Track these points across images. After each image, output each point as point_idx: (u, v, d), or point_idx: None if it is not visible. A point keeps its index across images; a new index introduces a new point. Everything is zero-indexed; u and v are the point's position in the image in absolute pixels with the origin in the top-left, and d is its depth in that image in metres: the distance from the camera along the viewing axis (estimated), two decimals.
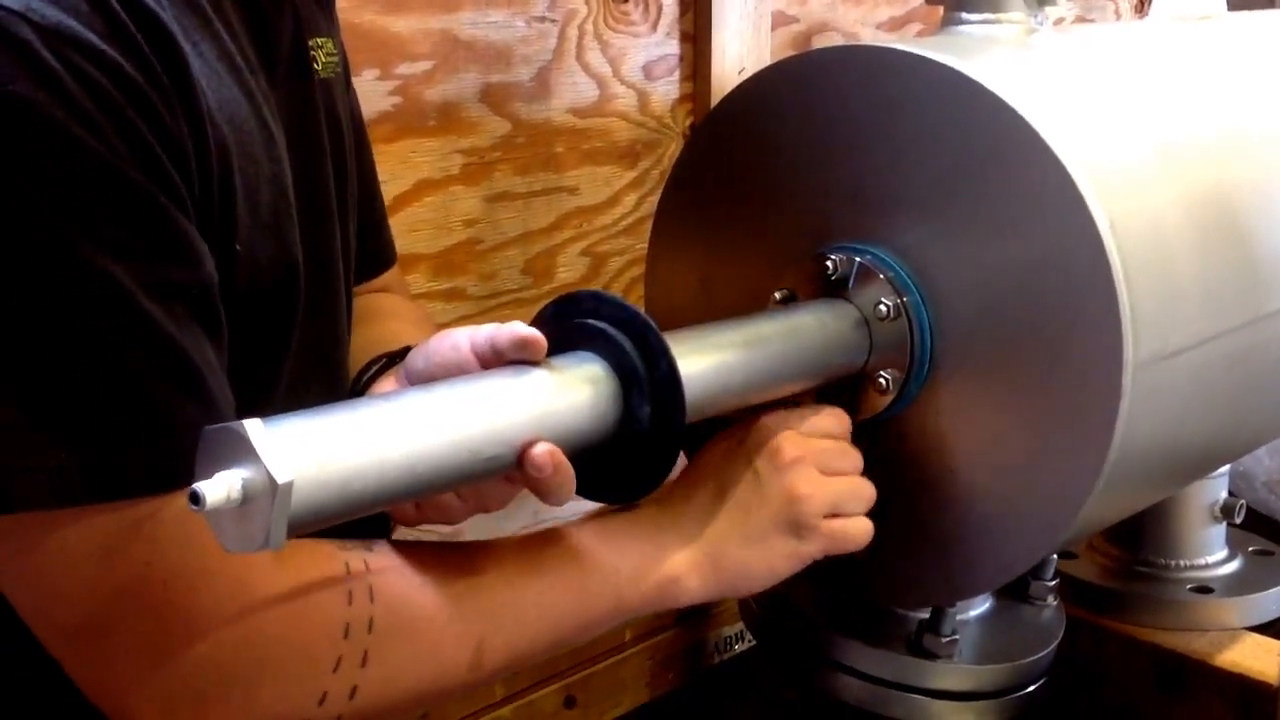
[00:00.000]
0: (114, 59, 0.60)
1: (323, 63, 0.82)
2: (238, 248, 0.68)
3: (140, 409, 0.62)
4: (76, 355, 0.60)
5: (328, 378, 0.82)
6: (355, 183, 0.87)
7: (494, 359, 0.71)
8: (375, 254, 0.97)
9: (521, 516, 1.31)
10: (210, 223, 0.66)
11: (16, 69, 0.57)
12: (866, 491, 0.84)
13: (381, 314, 0.94)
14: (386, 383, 0.82)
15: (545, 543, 0.78)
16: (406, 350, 0.82)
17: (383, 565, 0.71)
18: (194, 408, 0.63)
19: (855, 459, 0.84)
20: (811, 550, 0.82)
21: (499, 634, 0.73)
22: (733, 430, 0.84)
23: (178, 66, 0.63)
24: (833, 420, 0.85)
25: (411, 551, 0.73)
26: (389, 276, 1.00)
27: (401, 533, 0.82)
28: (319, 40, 0.82)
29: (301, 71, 0.79)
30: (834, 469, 0.83)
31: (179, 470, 0.61)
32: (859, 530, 0.83)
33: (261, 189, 0.70)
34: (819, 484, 0.82)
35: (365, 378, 0.84)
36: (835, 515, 0.83)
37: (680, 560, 0.80)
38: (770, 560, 0.82)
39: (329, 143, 0.81)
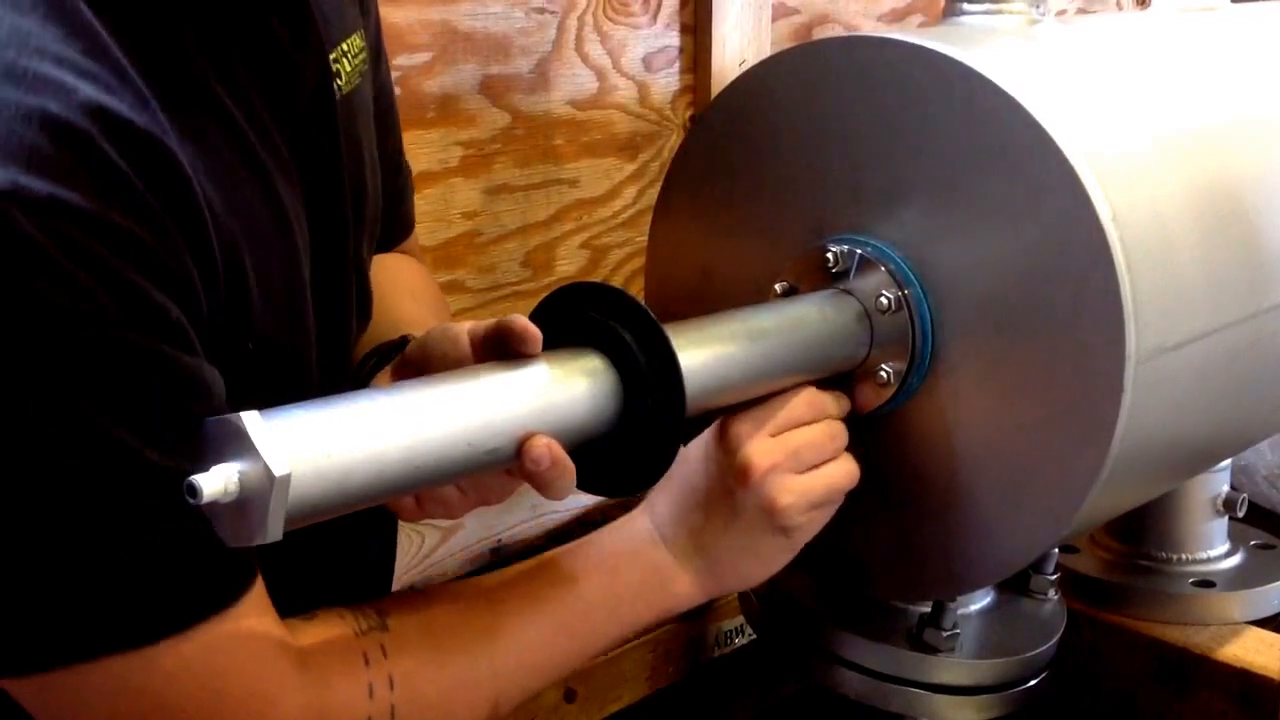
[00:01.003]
0: (107, 221, 0.58)
1: (346, 75, 0.80)
2: (249, 345, 0.68)
3: (150, 558, 0.62)
4: (82, 515, 0.60)
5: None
6: (376, 200, 0.87)
7: (492, 353, 0.70)
8: (396, 223, 0.97)
9: (520, 510, 1.31)
10: (223, 326, 0.65)
11: (6, 255, 0.56)
12: (843, 477, 0.83)
13: (391, 289, 0.93)
14: (384, 379, 0.82)
15: (550, 584, 0.80)
16: (404, 341, 0.82)
17: (399, 645, 0.73)
18: (204, 543, 0.62)
19: (833, 440, 0.83)
20: (802, 539, 0.84)
21: (513, 687, 0.77)
22: (711, 437, 0.84)
23: (176, 188, 0.62)
24: (805, 406, 0.83)
25: (425, 619, 0.75)
26: (407, 244, 1.01)
27: (403, 530, 0.82)
28: (344, 46, 0.81)
29: (323, 103, 0.77)
30: (810, 461, 0.82)
31: (195, 607, 0.63)
32: (833, 487, 0.83)
33: (274, 270, 0.70)
34: (796, 489, 0.82)
35: (363, 372, 0.84)
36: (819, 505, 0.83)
37: (680, 577, 0.83)
38: (764, 560, 0.84)
39: (348, 167, 0.80)
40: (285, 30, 0.73)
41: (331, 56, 0.78)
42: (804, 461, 0.82)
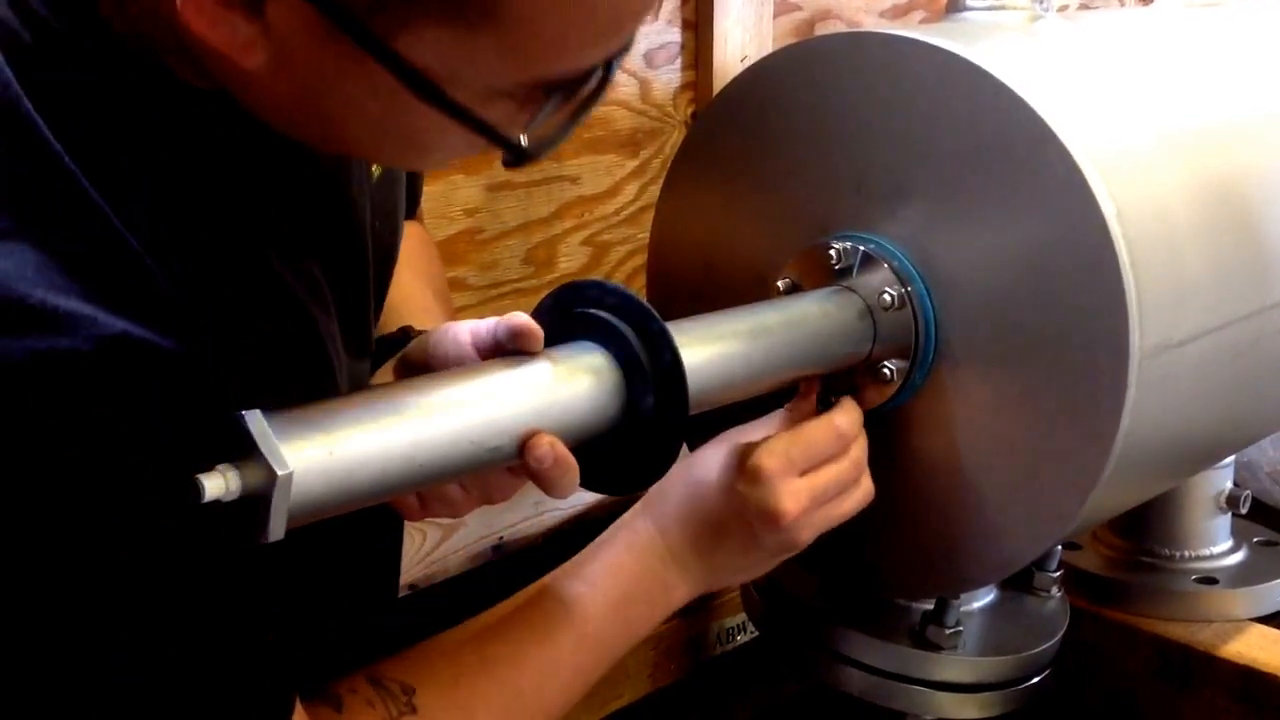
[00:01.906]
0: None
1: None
2: None
3: (200, 694, 0.60)
4: (135, 656, 0.58)
5: None
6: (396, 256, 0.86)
7: (494, 351, 0.70)
8: (409, 196, 0.95)
9: (522, 508, 1.31)
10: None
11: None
12: (862, 501, 0.84)
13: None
14: (385, 375, 0.82)
15: (565, 627, 0.80)
16: (403, 335, 0.81)
17: None
18: (249, 677, 0.61)
19: (855, 468, 0.84)
20: (802, 547, 0.84)
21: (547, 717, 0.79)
22: (731, 464, 0.83)
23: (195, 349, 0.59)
24: (832, 439, 0.83)
25: (452, 691, 0.75)
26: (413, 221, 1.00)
27: (405, 527, 0.82)
28: None
29: (356, 207, 0.75)
30: (833, 495, 0.83)
31: None
32: (849, 512, 0.84)
33: (297, 382, 0.68)
34: (817, 524, 0.82)
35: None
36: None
37: (683, 592, 0.84)
38: (762, 570, 0.86)
39: (382, 240, 0.78)
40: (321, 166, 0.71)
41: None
42: (828, 496, 0.82)
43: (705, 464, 0.84)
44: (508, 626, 0.80)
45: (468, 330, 0.72)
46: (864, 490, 0.84)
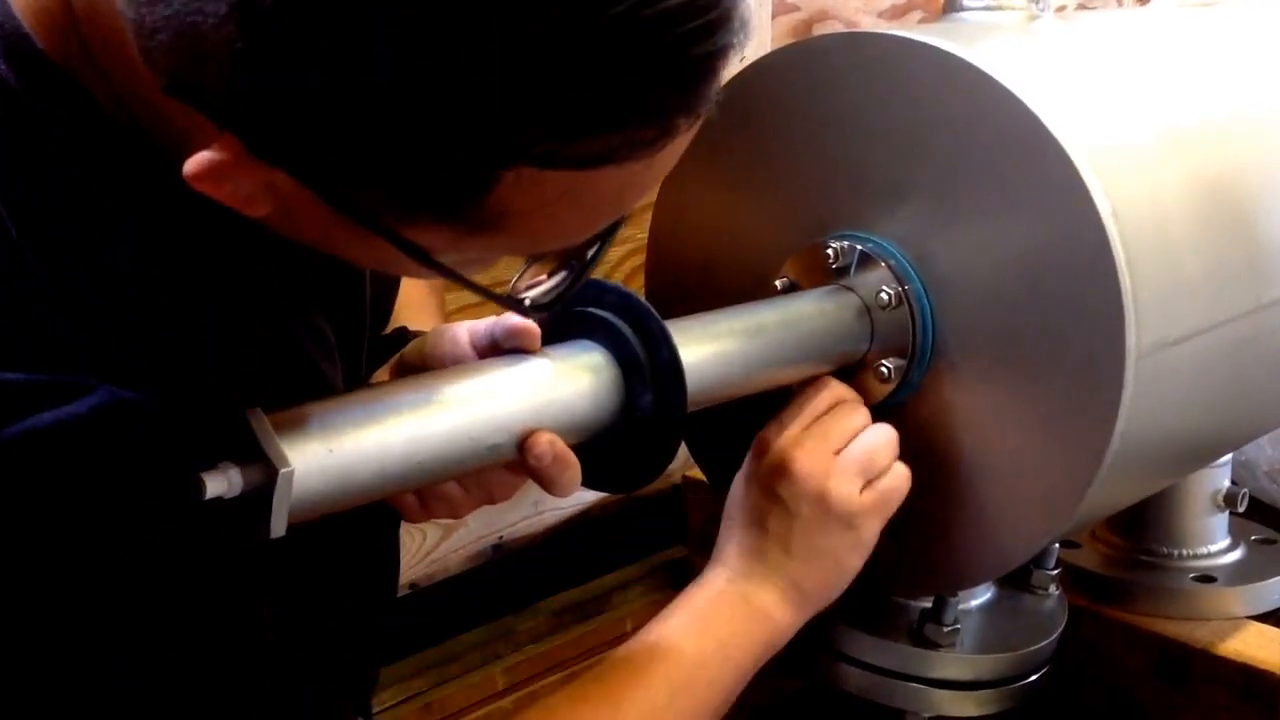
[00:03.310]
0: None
1: None
2: None
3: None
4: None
5: None
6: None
7: (492, 351, 0.70)
8: None
9: (522, 507, 1.31)
10: None
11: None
12: (883, 440, 0.83)
13: None
14: (381, 377, 0.82)
15: (653, 658, 0.78)
16: (399, 336, 0.81)
17: None
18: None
19: (860, 417, 0.83)
20: (870, 529, 0.82)
21: None
22: (746, 460, 0.84)
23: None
24: (824, 394, 0.83)
25: None
26: None
27: (405, 527, 0.82)
28: None
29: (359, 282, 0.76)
30: (844, 437, 0.82)
31: None
32: (899, 483, 0.83)
33: None
34: (838, 469, 0.81)
35: None
36: (870, 482, 0.82)
37: (767, 601, 0.82)
38: (839, 561, 0.82)
39: (380, 284, 0.79)
40: None
41: None
42: (838, 439, 0.82)
43: (732, 491, 0.85)
44: (601, 674, 0.78)
45: (465, 331, 0.73)
46: (884, 433, 0.83)
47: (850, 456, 0.81)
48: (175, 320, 0.60)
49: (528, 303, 0.62)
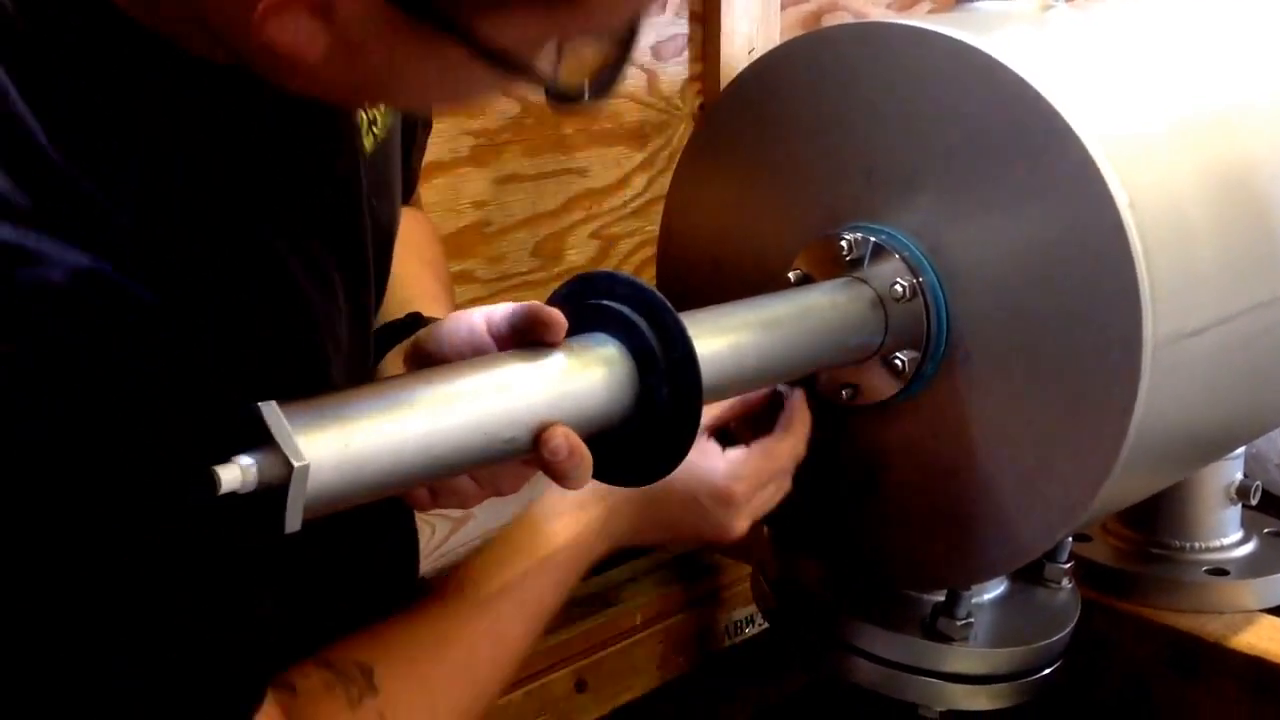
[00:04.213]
0: (137, 300, 0.57)
1: (380, 123, 0.78)
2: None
3: (170, 676, 0.60)
4: (106, 629, 0.58)
5: None
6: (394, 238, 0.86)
7: (512, 339, 0.70)
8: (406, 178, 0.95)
9: (525, 497, 1.31)
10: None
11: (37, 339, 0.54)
12: (784, 489, 0.91)
13: (399, 249, 0.92)
14: (395, 360, 0.81)
15: (508, 599, 0.83)
16: (412, 321, 0.81)
17: (394, 707, 0.74)
18: (220, 661, 0.61)
19: (796, 450, 0.90)
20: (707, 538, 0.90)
21: (498, 691, 0.83)
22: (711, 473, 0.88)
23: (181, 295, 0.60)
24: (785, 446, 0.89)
25: (411, 669, 0.76)
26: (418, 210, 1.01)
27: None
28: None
29: (352, 182, 0.75)
30: (773, 479, 0.89)
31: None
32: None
33: (291, 368, 0.67)
34: (752, 512, 0.89)
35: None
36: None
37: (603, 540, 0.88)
38: (677, 547, 0.92)
39: (380, 219, 0.78)
40: (318, 125, 0.70)
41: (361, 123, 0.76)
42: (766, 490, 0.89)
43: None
44: (457, 604, 0.82)
45: (482, 318, 0.72)
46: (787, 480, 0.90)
47: (766, 501, 0.89)
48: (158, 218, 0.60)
49: (586, 95, 0.61)
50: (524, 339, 0.69)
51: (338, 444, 0.56)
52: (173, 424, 0.57)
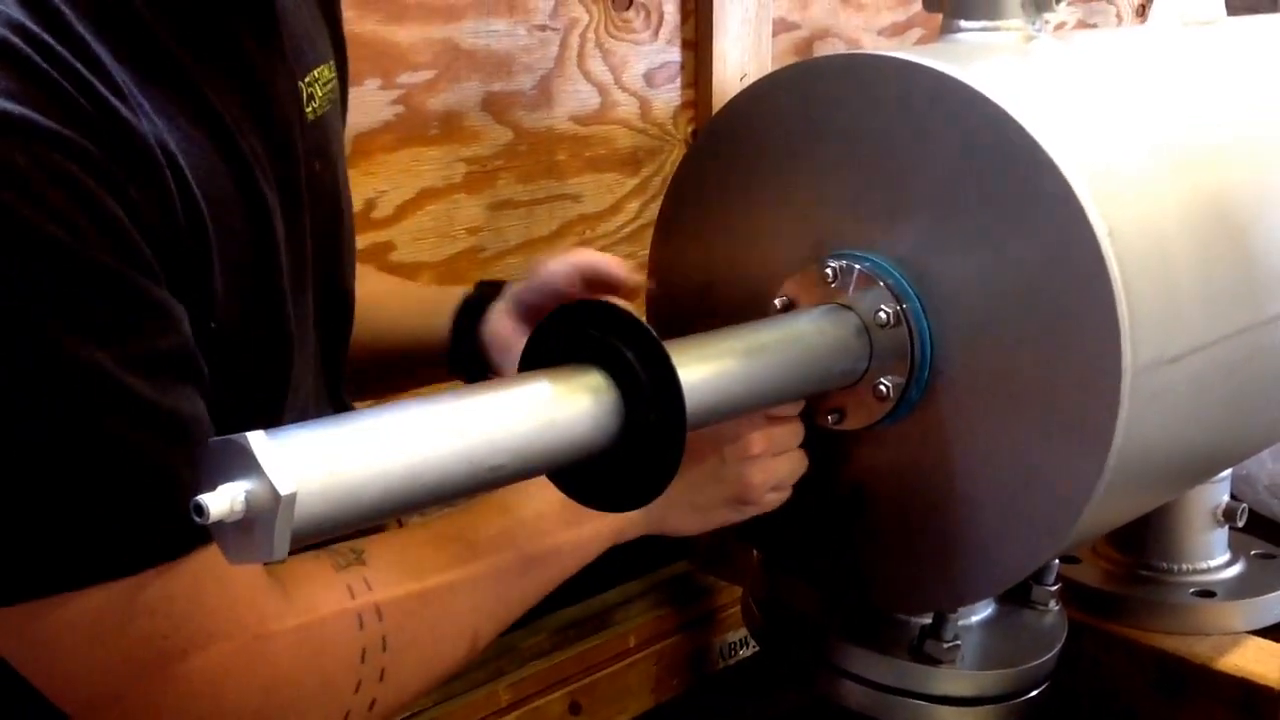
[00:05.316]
0: (80, 145, 0.59)
1: (318, 100, 0.81)
2: (211, 325, 0.68)
3: (136, 485, 0.62)
4: (66, 442, 0.60)
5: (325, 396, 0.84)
6: (351, 226, 0.88)
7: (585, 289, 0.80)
8: None
9: None
10: (183, 289, 0.66)
11: None
12: (801, 465, 0.90)
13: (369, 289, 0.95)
14: (501, 319, 0.91)
15: (520, 534, 0.82)
16: (483, 286, 0.90)
17: (382, 579, 0.74)
18: (189, 472, 0.62)
19: (798, 434, 0.90)
20: (745, 519, 0.89)
21: (490, 622, 0.80)
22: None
23: (138, 147, 0.63)
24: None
25: (403, 555, 0.76)
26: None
27: None
28: (315, 74, 0.82)
29: (295, 124, 0.78)
30: (785, 450, 0.89)
31: (182, 538, 0.63)
32: (781, 500, 0.91)
33: (244, 261, 0.70)
34: (770, 469, 0.88)
35: (464, 322, 0.93)
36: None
37: (631, 522, 0.89)
38: (706, 524, 0.90)
39: (324, 185, 0.81)
40: (257, 50, 0.74)
41: (304, 81, 0.79)
42: (781, 449, 0.89)
43: None
44: (459, 520, 0.82)
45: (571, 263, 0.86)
46: (801, 456, 0.90)
47: (781, 467, 0.89)
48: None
49: None
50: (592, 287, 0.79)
51: (324, 473, 0.57)
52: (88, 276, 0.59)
